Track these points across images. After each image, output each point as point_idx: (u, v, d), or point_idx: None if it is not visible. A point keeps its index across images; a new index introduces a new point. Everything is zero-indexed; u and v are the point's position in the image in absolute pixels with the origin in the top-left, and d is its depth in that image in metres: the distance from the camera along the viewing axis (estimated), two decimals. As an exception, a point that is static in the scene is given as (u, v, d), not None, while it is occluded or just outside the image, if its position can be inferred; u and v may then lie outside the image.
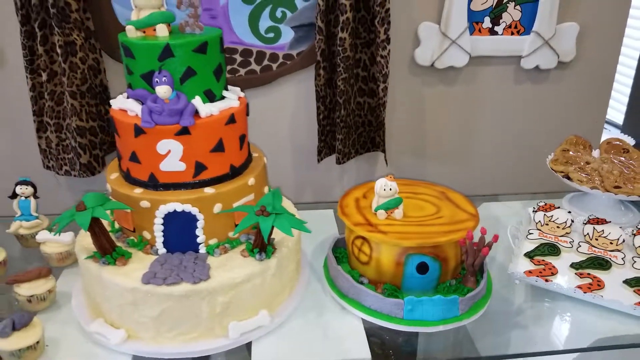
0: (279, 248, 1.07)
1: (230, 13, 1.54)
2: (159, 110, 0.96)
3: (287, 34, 1.57)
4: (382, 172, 1.82)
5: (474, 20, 1.61)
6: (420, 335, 1.06)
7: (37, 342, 0.96)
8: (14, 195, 1.31)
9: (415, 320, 1.04)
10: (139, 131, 0.98)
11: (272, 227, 0.98)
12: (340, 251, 1.23)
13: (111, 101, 1.09)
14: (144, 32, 1.02)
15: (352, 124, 1.63)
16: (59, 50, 1.41)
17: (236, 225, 1.06)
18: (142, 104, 1.00)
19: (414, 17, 1.60)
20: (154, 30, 1.01)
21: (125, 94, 1.11)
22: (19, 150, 1.62)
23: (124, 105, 1.03)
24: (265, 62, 1.60)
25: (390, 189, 1.11)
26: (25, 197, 1.31)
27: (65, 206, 1.38)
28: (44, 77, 1.46)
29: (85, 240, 1.07)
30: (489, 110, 1.77)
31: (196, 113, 1.00)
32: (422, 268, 1.07)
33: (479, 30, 1.64)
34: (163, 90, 0.95)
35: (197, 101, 1.01)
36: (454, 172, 1.83)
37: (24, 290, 1.08)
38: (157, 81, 0.95)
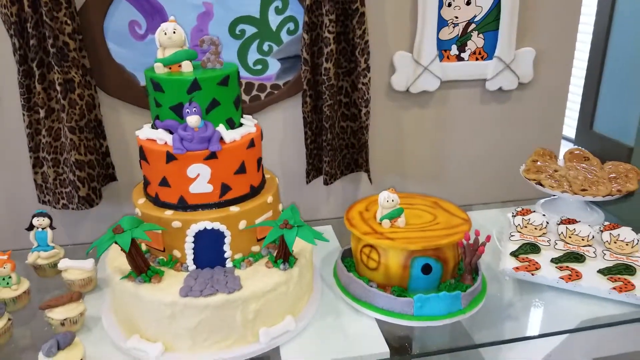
0: (299, 258, 1.17)
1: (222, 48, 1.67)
2: (189, 137, 1.06)
3: (274, 66, 1.71)
4: (365, 191, 1.96)
5: (442, 48, 1.81)
6: (426, 329, 1.19)
7: (80, 360, 1.02)
8: (31, 227, 1.36)
9: (425, 315, 1.17)
10: (170, 157, 1.08)
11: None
12: (347, 261, 1.35)
13: (137, 132, 1.19)
14: (170, 68, 1.13)
15: (337, 147, 1.77)
16: (58, 88, 1.48)
17: (258, 240, 1.17)
18: (171, 133, 1.10)
19: (389, 47, 1.79)
20: (179, 66, 1.13)
21: (149, 125, 1.21)
22: (13, 187, 1.65)
23: (153, 135, 1.13)
24: (254, 92, 1.73)
25: (393, 201, 1.25)
26: (42, 229, 1.36)
27: (60, 238, 1.44)
28: (42, 114, 1.52)
29: (116, 262, 1.14)
30: (459, 129, 1.95)
31: (221, 139, 1.11)
32: (427, 269, 1.20)
33: (448, 57, 1.83)
34: (194, 120, 1.06)
35: (221, 128, 1.12)
36: (432, 186, 2.00)
37: (57, 314, 1.13)
38: (187, 112, 1.06)
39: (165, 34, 1.10)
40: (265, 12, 1.65)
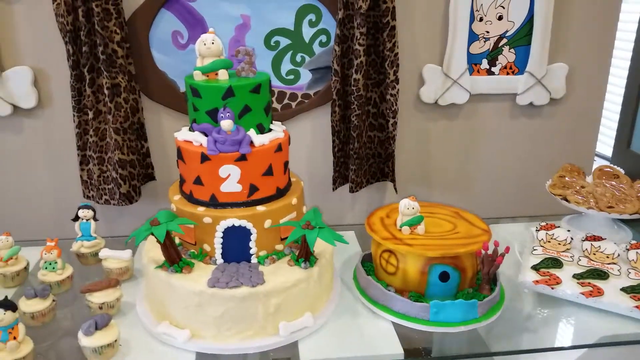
0: (320, 259, 1.23)
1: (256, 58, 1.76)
2: (222, 140, 1.15)
3: (306, 76, 1.79)
4: (390, 200, 1.99)
5: (472, 62, 1.83)
6: (442, 335, 1.21)
7: (115, 341, 1.11)
8: (76, 218, 1.48)
9: (440, 322, 1.20)
10: (204, 158, 1.17)
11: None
12: (367, 265, 1.39)
13: (176, 134, 1.28)
14: (207, 76, 1.22)
15: (364, 156, 1.81)
16: (106, 92, 1.60)
17: (282, 239, 1.23)
18: (206, 135, 1.19)
19: (418, 60, 1.82)
20: (216, 74, 1.22)
21: (186, 128, 1.30)
22: (60, 182, 1.78)
23: (190, 137, 1.22)
24: (286, 101, 1.81)
25: (413, 208, 1.29)
26: (86, 220, 1.48)
27: (100, 231, 1.55)
28: (90, 115, 1.64)
29: (152, 253, 1.24)
30: (487, 143, 1.96)
31: (251, 143, 1.19)
32: (444, 276, 1.24)
33: (478, 71, 1.85)
34: (227, 124, 1.14)
35: (251, 133, 1.20)
36: (457, 199, 2.00)
37: (96, 298, 1.23)
38: (222, 116, 1.15)
39: (205, 44, 1.19)
40: (299, 25, 1.74)
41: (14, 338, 1.06)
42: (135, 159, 1.68)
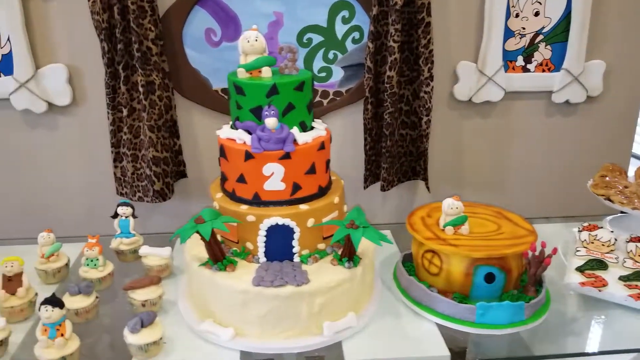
0: (363, 258, 1.22)
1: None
2: (266, 138, 1.14)
3: (338, 73, 1.77)
4: (421, 198, 1.97)
5: (508, 59, 1.79)
6: (486, 337, 1.19)
7: (160, 339, 1.11)
8: (115, 215, 1.48)
9: (486, 323, 1.18)
10: (248, 156, 1.16)
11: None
12: (406, 265, 1.38)
13: (218, 132, 1.28)
14: (251, 73, 1.21)
15: (395, 154, 1.79)
16: (140, 89, 1.60)
17: (324, 238, 1.22)
18: (250, 133, 1.18)
19: (453, 57, 1.79)
20: (259, 72, 1.21)
21: (228, 126, 1.29)
22: (94, 179, 1.79)
23: (233, 135, 1.21)
24: (317, 99, 1.79)
25: (457, 208, 1.27)
26: (125, 217, 1.48)
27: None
28: (125, 112, 1.64)
29: (194, 251, 1.23)
30: (521, 141, 1.91)
31: (294, 141, 1.18)
32: (490, 278, 1.21)
33: (513, 68, 1.81)
34: (272, 122, 1.13)
35: (295, 131, 1.19)
36: (489, 198, 1.96)
37: (139, 295, 1.23)
38: (266, 114, 1.14)
39: (248, 41, 1.18)
40: (332, 22, 1.72)
41: (62, 335, 1.06)
42: (168, 156, 1.69)
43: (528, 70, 1.81)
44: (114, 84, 1.62)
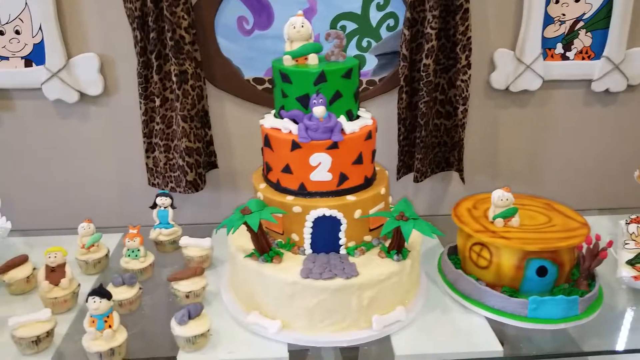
0: (411, 251, 1.19)
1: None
2: (314, 127, 1.11)
3: (371, 62, 1.72)
4: (454, 190, 1.93)
5: (547, 46, 1.74)
6: (538, 332, 1.16)
7: (207, 331, 1.09)
8: (154, 206, 1.47)
9: (539, 318, 1.14)
10: (295, 146, 1.13)
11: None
12: (451, 258, 1.34)
13: (261, 121, 1.25)
14: (297, 60, 1.18)
15: (429, 145, 1.75)
16: (174, 79, 1.57)
17: (370, 230, 1.19)
18: (296, 122, 1.15)
19: (490, 44, 1.74)
20: (305, 59, 1.17)
21: (271, 115, 1.27)
22: (125, 169, 1.78)
23: (278, 124, 1.18)
24: (349, 88, 1.76)
25: (507, 200, 1.23)
26: (164, 208, 1.46)
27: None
28: (157, 102, 1.62)
29: (239, 241, 1.21)
30: (560, 131, 1.86)
31: (342, 130, 1.15)
32: (542, 271, 1.18)
33: (552, 56, 1.76)
34: (320, 111, 1.10)
35: (342, 120, 1.15)
36: (525, 190, 1.91)
37: (183, 287, 1.22)
38: (314, 102, 1.10)
39: (294, 27, 1.15)
40: (366, 9, 1.68)
41: (109, 326, 1.05)
42: (200, 146, 1.67)
43: (567, 58, 1.76)
44: (147, 74, 1.60)
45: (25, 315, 1.08)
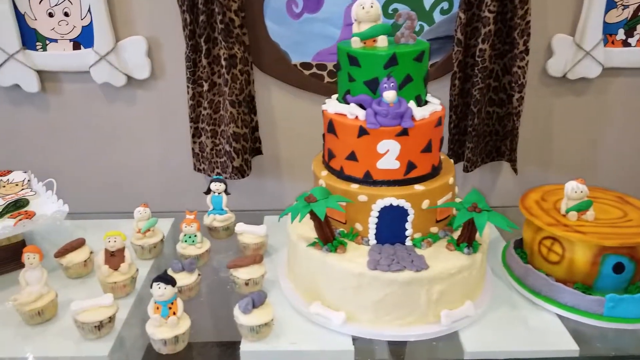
0: (482, 244, 1.14)
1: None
2: (384, 113, 1.06)
3: (423, 46, 1.66)
4: (504, 181, 1.86)
5: (607, 32, 1.65)
6: (614, 331, 1.10)
7: (271, 320, 1.06)
8: (208, 191, 1.45)
9: (615, 317, 1.08)
10: (362, 132, 1.09)
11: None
12: (517, 252, 1.29)
13: (324, 106, 1.21)
14: (365, 43, 1.13)
15: (481, 133, 1.69)
16: (223, 63, 1.54)
17: (437, 221, 1.14)
18: (363, 108, 1.10)
19: (548, 29, 1.66)
20: (374, 41, 1.12)
21: (333, 99, 1.22)
22: (171, 154, 1.75)
23: (343, 109, 1.14)
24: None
25: (582, 192, 1.17)
26: (218, 193, 1.44)
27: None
28: (205, 87, 1.59)
29: (299, 230, 1.18)
30: (618, 121, 1.78)
31: (412, 116, 1.10)
32: (618, 268, 1.11)
33: (613, 42, 1.67)
34: (391, 95, 1.05)
35: (412, 105, 1.10)
36: (580, 181, 1.85)
37: (242, 274, 1.19)
38: (385, 86, 1.05)
39: (363, 8, 1.10)
40: (420, -9, 1.61)
41: (174, 313, 1.03)
42: (247, 132, 1.64)
43: (629, 45, 1.67)
44: (195, 58, 1.57)
45: (89, 300, 1.07)
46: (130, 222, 1.40)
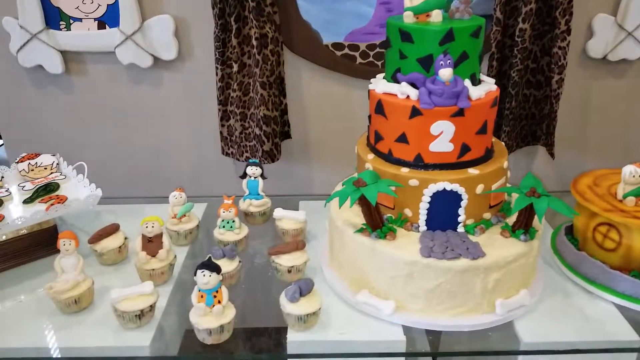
0: (538, 231, 1.09)
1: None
2: (439, 92, 1.00)
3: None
4: (539, 166, 1.80)
5: (652, 11, 1.57)
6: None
7: (319, 309, 1.02)
8: (244, 175, 1.40)
9: (680, 306, 1.04)
10: (415, 113, 1.03)
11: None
12: (567, 238, 1.24)
13: (371, 86, 1.15)
14: (417, 18, 1.06)
15: (518, 117, 1.63)
16: (254, 43, 1.48)
17: (491, 206, 1.09)
18: (415, 87, 1.05)
19: (589, 9, 1.58)
20: (427, 16, 1.06)
21: (378, 79, 1.16)
22: (198, 138, 1.71)
23: (392, 89, 1.08)
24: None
25: (641, 176, 1.11)
26: (254, 178, 1.39)
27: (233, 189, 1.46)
28: (235, 68, 1.53)
29: (344, 215, 1.13)
30: (659, 105, 1.72)
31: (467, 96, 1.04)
32: (681, 256, 1.06)
33: (656, 22, 1.59)
34: (448, 73, 0.99)
35: (468, 84, 1.04)
36: (618, 167, 1.79)
37: (285, 261, 1.15)
38: (442, 64, 0.99)
39: (416, -20, 1.03)
40: (457, -33, 1.53)
41: (219, 302, 0.99)
42: (277, 115, 1.58)
43: (675, 24, 1.58)
44: (224, 37, 1.51)
45: (129, 288, 1.03)
46: (161, 206, 1.36)
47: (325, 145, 1.74)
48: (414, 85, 1.06)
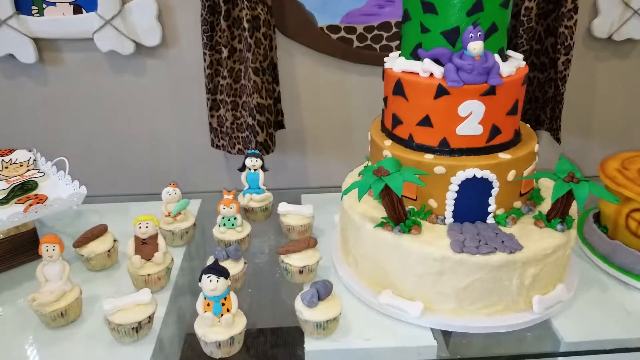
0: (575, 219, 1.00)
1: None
2: (469, 68, 0.90)
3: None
4: (542, 151, 1.72)
5: (658, -11, 1.52)
6: None
7: (340, 314, 0.91)
8: (243, 168, 1.28)
9: None
10: (441, 92, 0.93)
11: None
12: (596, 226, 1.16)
13: (387, 64, 1.04)
14: (438, -13, 0.96)
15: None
16: (245, 25, 1.36)
17: (521, 194, 1.00)
18: (440, 64, 0.94)
19: (594, -14, 1.52)
20: (450, -15, 0.95)
21: (395, 56, 1.05)
22: (186, 129, 1.59)
23: (412, 67, 0.97)
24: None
25: (677, 158, 1.03)
26: (254, 170, 1.27)
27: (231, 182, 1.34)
28: (225, 53, 1.42)
29: (359, 208, 1.02)
30: (666, 86, 1.68)
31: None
32: None
33: (663, 0, 1.54)
34: (479, 47, 0.89)
35: (498, 59, 0.94)
36: (622, 151, 1.74)
37: (295, 261, 1.04)
38: (471, 36, 0.89)
39: (437, -56, 0.92)
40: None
41: (227, 310, 0.87)
42: (271, 103, 1.47)
43: (681, 3, 1.53)
44: (213, 20, 1.39)
45: (123, 297, 0.90)
46: (149, 204, 1.23)
47: (321, 135, 1.64)
48: (438, 62, 0.95)
